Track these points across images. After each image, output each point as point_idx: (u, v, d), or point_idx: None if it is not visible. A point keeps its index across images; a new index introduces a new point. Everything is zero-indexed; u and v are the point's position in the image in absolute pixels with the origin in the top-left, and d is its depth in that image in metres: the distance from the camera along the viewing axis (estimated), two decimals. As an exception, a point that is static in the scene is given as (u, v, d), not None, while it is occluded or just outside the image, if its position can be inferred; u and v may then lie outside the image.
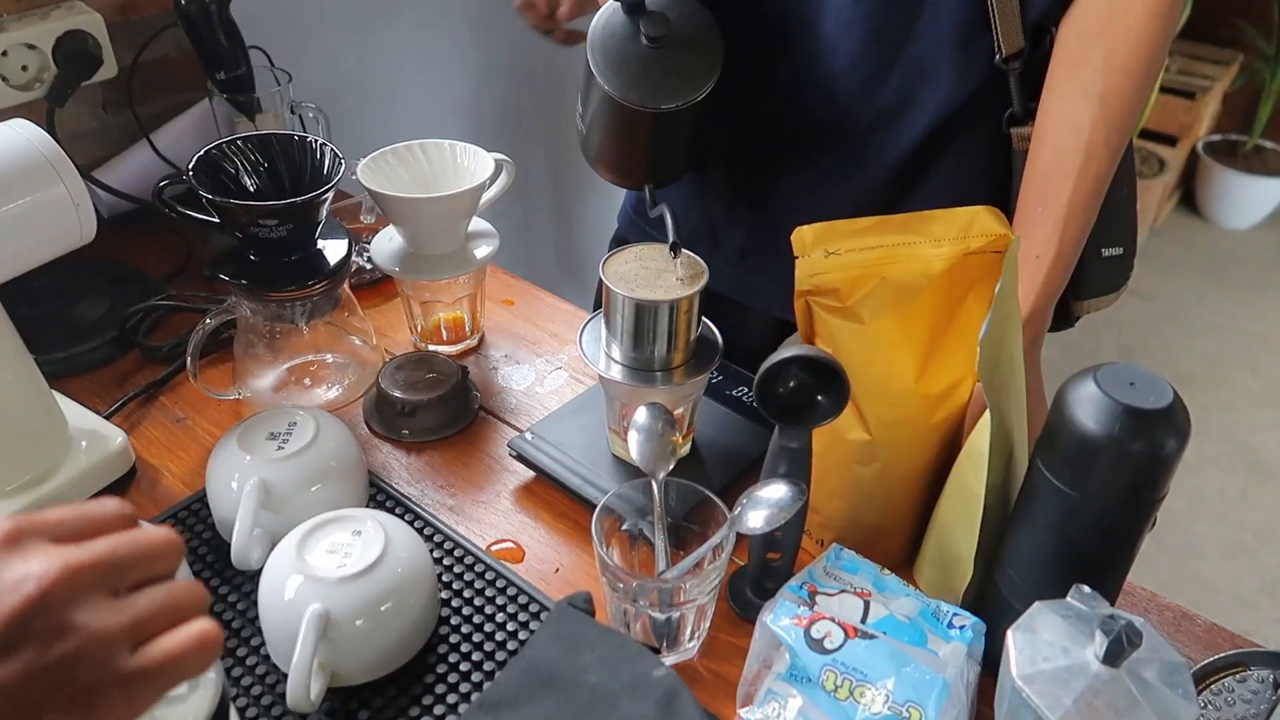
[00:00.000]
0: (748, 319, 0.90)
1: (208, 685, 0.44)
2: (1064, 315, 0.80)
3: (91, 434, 0.77)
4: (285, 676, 0.58)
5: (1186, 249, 2.96)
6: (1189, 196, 3.12)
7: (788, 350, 0.58)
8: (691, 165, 0.83)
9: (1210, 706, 0.62)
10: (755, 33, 0.78)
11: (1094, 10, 0.69)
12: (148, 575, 0.37)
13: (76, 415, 0.78)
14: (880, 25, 0.73)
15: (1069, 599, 0.52)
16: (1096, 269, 0.78)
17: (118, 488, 0.77)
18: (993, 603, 0.62)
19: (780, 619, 0.59)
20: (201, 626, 0.37)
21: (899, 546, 0.71)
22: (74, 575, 0.35)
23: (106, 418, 0.80)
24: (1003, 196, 0.78)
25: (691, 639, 0.65)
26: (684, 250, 0.71)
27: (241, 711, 0.61)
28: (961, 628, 0.59)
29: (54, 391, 0.76)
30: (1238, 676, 0.64)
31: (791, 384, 0.60)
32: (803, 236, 0.62)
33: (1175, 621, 0.69)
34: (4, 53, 0.93)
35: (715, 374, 0.85)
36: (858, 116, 0.77)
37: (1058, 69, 0.71)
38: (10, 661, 0.33)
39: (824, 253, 0.61)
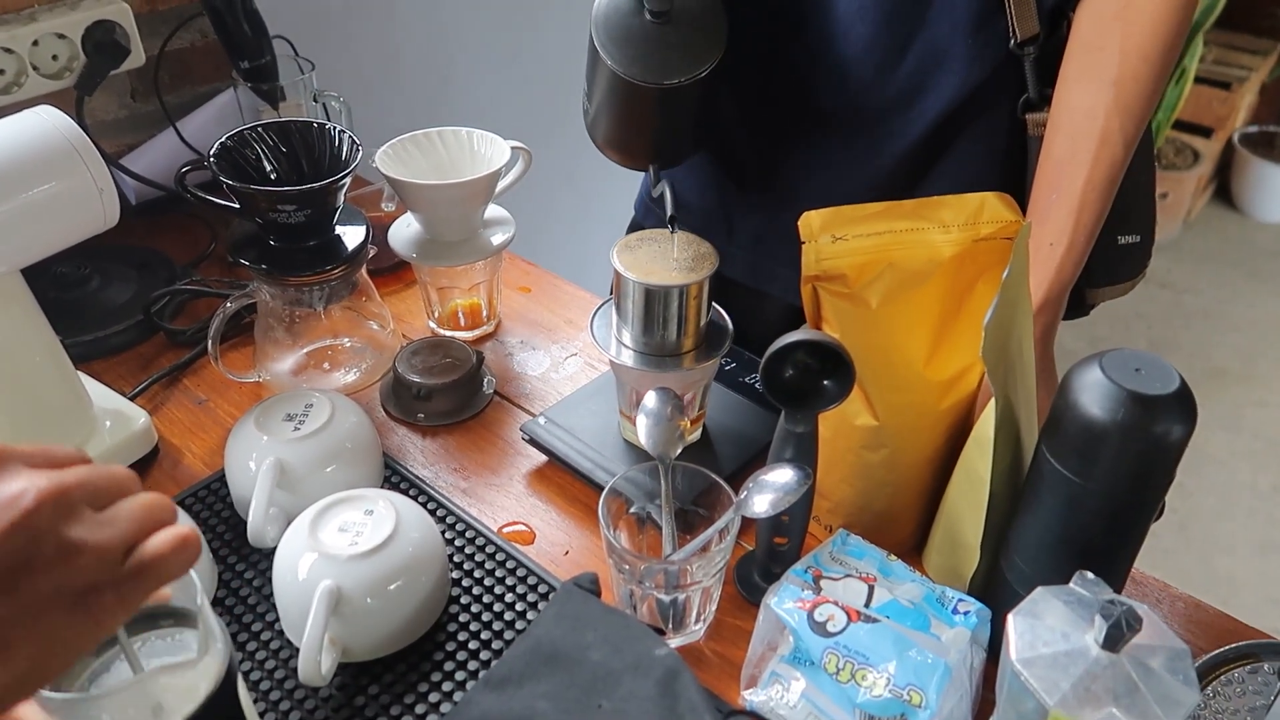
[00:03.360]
0: (762, 305, 0.90)
1: (215, 654, 0.46)
2: (1078, 303, 0.80)
3: (116, 414, 0.79)
4: (298, 651, 0.59)
5: (1220, 242, 2.91)
6: (1224, 189, 3.07)
7: (793, 335, 0.58)
8: (697, 146, 0.83)
9: (1220, 696, 0.62)
10: (768, 18, 0.78)
11: None
12: (119, 497, 0.40)
13: (101, 396, 0.80)
14: (893, 10, 0.73)
15: (1072, 585, 0.51)
16: (1112, 257, 0.77)
17: (140, 467, 0.78)
18: (1000, 589, 0.62)
19: (784, 602, 0.59)
20: (178, 530, 0.40)
21: (908, 533, 0.71)
22: (63, 492, 0.37)
23: (131, 399, 0.82)
24: (1018, 182, 0.77)
25: (698, 621, 0.65)
26: (694, 235, 0.72)
27: (255, 684, 0.62)
28: (966, 613, 0.59)
29: (80, 373, 0.78)
30: (1248, 668, 0.63)
31: (797, 369, 0.60)
32: (810, 222, 0.62)
33: (1187, 612, 0.68)
34: (35, 42, 0.95)
35: (728, 361, 0.85)
36: (871, 102, 0.77)
37: (1073, 54, 0.70)
38: (16, 571, 0.36)
39: (831, 238, 0.61)
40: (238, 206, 0.79)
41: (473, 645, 0.65)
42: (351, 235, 0.82)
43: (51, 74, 0.97)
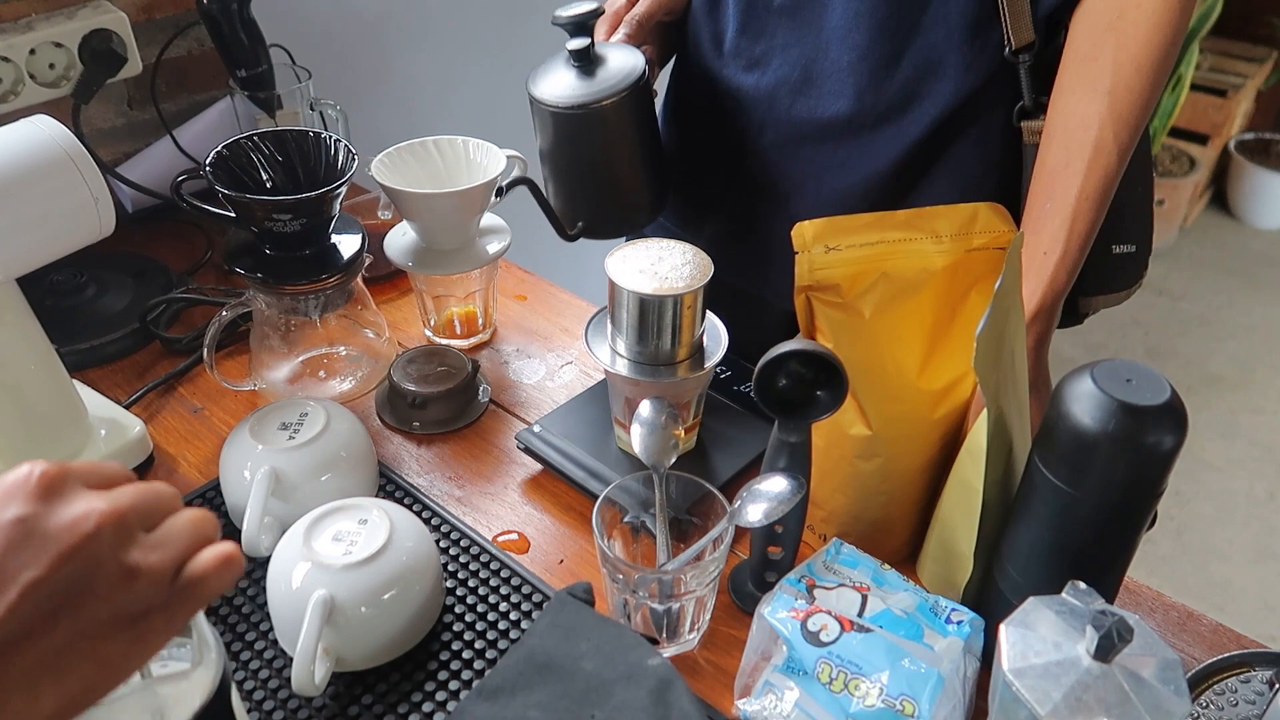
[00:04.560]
0: (760, 312, 0.90)
1: (210, 663, 0.46)
2: (1072, 312, 0.80)
3: (111, 423, 0.79)
4: (292, 661, 0.59)
5: (1217, 249, 2.92)
6: (1220, 196, 3.07)
7: (787, 345, 0.58)
8: (655, 202, 0.87)
9: (1213, 706, 0.62)
10: (763, 24, 0.79)
11: (1105, 4, 0.68)
12: (166, 515, 0.40)
13: (97, 405, 0.80)
14: (888, 17, 0.73)
15: (1064, 595, 0.52)
16: (1106, 266, 0.77)
17: (135, 475, 0.78)
18: (993, 599, 0.62)
19: (778, 611, 0.59)
20: (222, 548, 0.40)
21: (903, 542, 0.71)
22: (120, 515, 0.37)
23: (126, 407, 0.82)
24: (1013, 190, 0.77)
25: (692, 631, 0.65)
26: (689, 244, 0.72)
27: (249, 694, 0.62)
28: (959, 623, 0.59)
29: (75, 381, 0.78)
30: (1241, 677, 0.63)
31: (791, 378, 0.60)
32: (803, 232, 0.62)
33: (1180, 621, 0.68)
34: (32, 51, 0.95)
35: (723, 369, 0.86)
36: (866, 108, 0.77)
37: (1068, 63, 0.71)
38: (76, 595, 0.36)
39: (824, 248, 0.62)
40: (234, 215, 0.79)
41: (466, 655, 0.65)
42: (347, 244, 0.82)
43: (48, 82, 0.98)
